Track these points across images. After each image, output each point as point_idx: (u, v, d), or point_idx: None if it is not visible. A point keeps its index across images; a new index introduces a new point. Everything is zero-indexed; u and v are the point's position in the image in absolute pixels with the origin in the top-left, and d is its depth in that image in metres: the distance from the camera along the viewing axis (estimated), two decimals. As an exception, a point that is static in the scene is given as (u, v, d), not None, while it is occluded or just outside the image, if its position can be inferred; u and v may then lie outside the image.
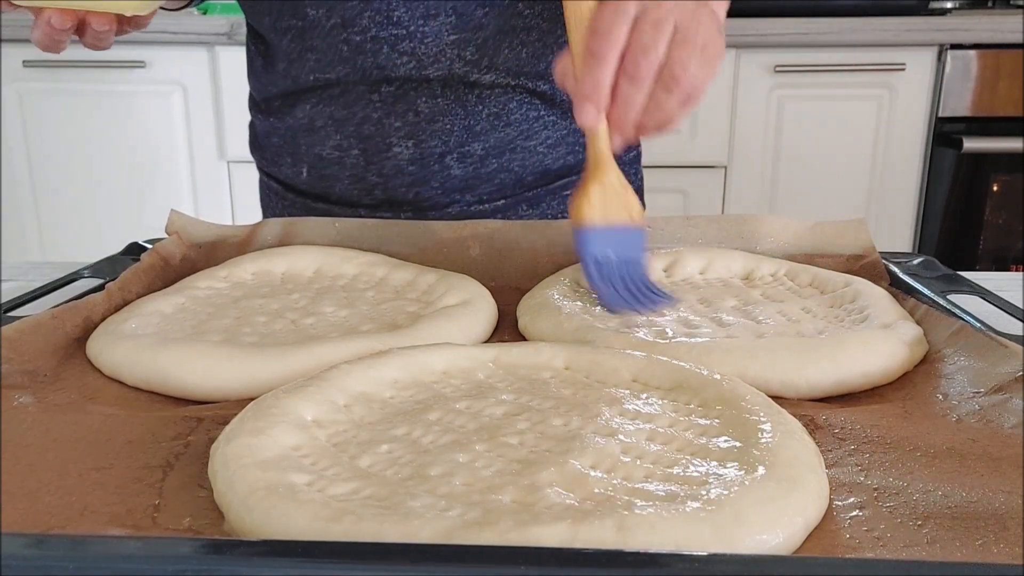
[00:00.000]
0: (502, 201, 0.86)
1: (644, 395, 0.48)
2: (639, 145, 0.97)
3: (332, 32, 0.79)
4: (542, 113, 0.85)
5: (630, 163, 0.94)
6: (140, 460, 0.43)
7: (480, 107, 0.82)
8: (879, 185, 2.11)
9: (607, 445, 0.42)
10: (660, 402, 0.47)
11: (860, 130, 2.07)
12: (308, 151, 0.86)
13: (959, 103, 2.02)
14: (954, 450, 0.43)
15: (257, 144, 0.94)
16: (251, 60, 0.91)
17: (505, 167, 0.85)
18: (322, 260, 0.73)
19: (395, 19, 0.78)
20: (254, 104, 0.92)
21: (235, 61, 2.03)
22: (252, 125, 0.94)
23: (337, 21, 0.79)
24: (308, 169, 0.87)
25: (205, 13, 2.10)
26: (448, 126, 0.82)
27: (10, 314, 0.59)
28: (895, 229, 2.13)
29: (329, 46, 0.80)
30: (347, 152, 0.84)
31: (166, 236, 0.76)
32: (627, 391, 0.49)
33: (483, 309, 0.63)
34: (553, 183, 0.88)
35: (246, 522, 0.37)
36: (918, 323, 0.59)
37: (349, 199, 0.86)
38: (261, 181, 0.96)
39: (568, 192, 0.88)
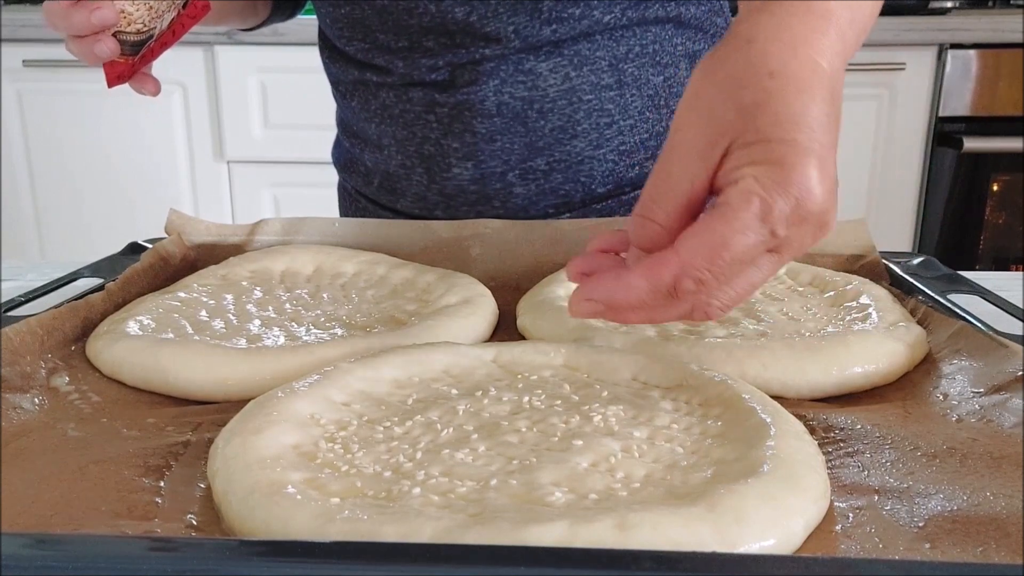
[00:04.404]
0: (567, 215, 0.82)
1: (644, 394, 0.48)
2: None
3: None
4: (616, 119, 0.80)
5: None
6: (140, 459, 0.43)
7: (542, 122, 0.79)
8: (879, 185, 2.10)
9: (607, 444, 0.42)
10: (660, 401, 0.47)
11: (860, 130, 2.07)
12: (376, 167, 0.86)
13: (959, 103, 2.02)
14: (955, 450, 0.43)
15: (336, 146, 0.94)
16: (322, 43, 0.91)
17: (572, 179, 0.81)
18: (322, 259, 0.73)
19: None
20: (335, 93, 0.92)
21: (234, 61, 2.03)
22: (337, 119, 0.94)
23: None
24: (379, 182, 0.87)
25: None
26: (508, 145, 0.79)
27: (10, 314, 0.59)
28: (895, 229, 2.13)
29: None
30: (412, 170, 0.83)
31: (166, 236, 0.76)
32: (627, 390, 0.49)
33: (483, 308, 0.63)
34: (628, 194, 0.83)
35: (246, 522, 0.37)
36: (918, 323, 0.59)
37: (413, 215, 0.86)
38: (339, 183, 0.96)
39: None
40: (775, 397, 0.48)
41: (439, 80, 0.79)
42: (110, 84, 0.70)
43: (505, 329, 0.64)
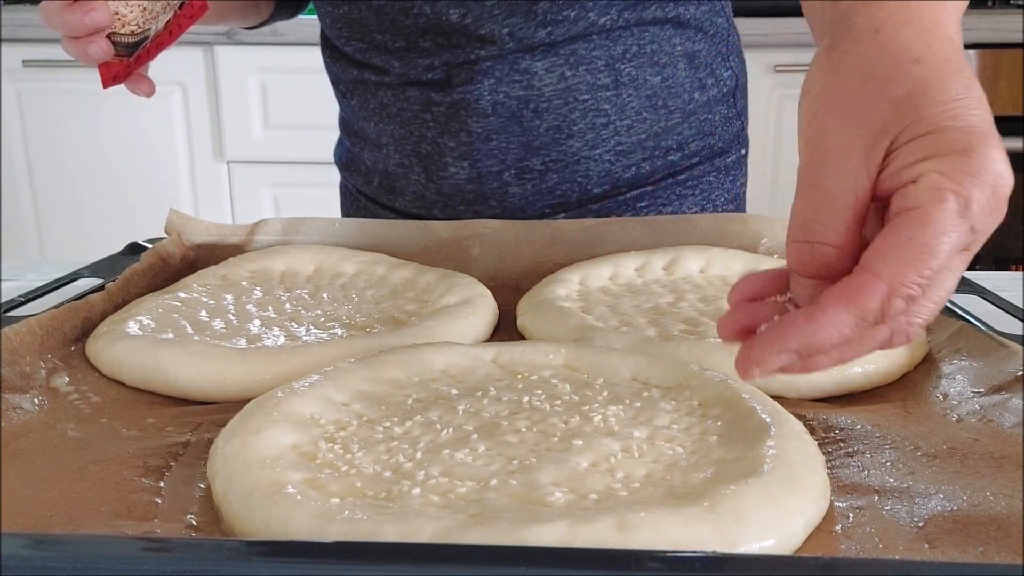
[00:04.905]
0: (563, 215, 0.82)
1: (644, 394, 0.48)
2: (743, 149, 0.91)
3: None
4: (613, 119, 0.80)
5: (734, 165, 0.89)
6: (140, 460, 0.43)
7: (537, 122, 0.79)
8: (879, 185, 2.10)
9: (607, 444, 0.42)
10: (660, 401, 0.47)
11: (860, 130, 2.07)
12: (376, 166, 0.87)
13: (959, 103, 2.02)
14: (955, 450, 0.43)
15: (338, 146, 0.95)
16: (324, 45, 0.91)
17: (568, 179, 0.81)
18: (322, 259, 0.73)
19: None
20: (337, 94, 0.92)
21: (234, 61, 2.03)
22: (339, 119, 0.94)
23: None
24: (378, 181, 0.87)
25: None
26: (504, 145, 0.79)
27: (10, 314, 0.59)
28: (895, 229, 2.13)
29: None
30: (410, 169, 0.84)
31: (166, 236, 0.76)
32: (627, 390, 0.49)
33: (483, 308, 0.63)
34: (624, 194, 0.83)
35: (246, 521, 0.37)
36: (918, 323, 0.59)
37: (412, 214, 0.86)
38: (340, 182, 0.96)
39: (642, 204, 0.83)
40: (775, 397, 0.48)
41: (435, 80, 0.79)
42: (105, 85, 0.70)
43: (505, 329, 0.64)
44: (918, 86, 0.37)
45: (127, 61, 0.69)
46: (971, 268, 0.41)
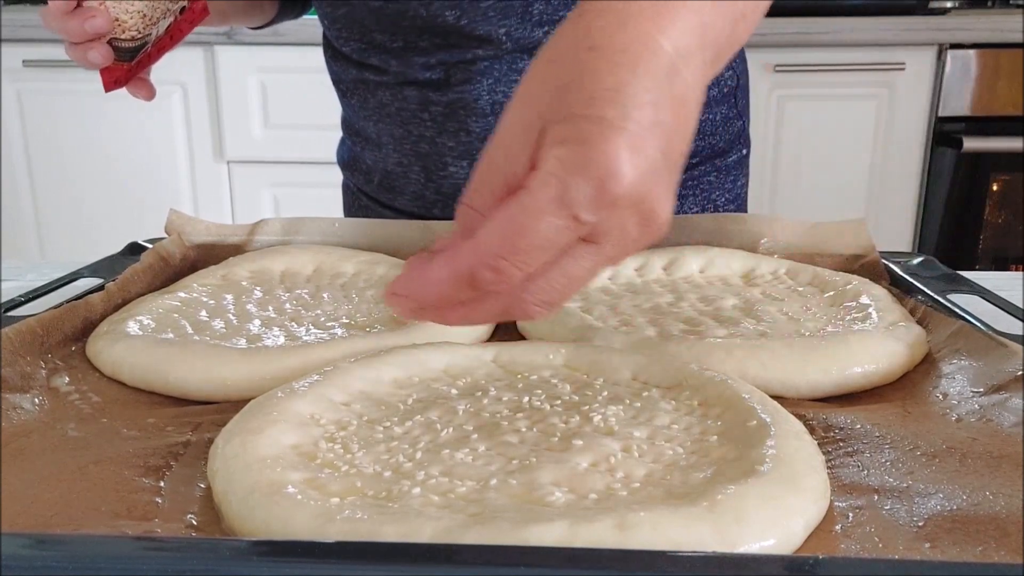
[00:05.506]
0: None
1: (644, 394, 0.48)
2: (744, 149, 0.91)
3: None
4: None
5: (735, 165, 0.89)
6: (140, 460, 0.43)
7: None
8: (879, 185, 2.10)
9: (607, 444, 0.42)
10: (660, 401, 0.47)
11: (860, 130, 2.07)
12: (376, 165, 0.87)
13: (959, 103, 2.02)
14: (954, 450, 0.43)
15: (340, 145, 0.95)
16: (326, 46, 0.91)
17: None
18: (322, 259, 0.73)
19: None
20: (339, 93, 0.92)
21: (234, 61, 2.03)
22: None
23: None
24: (379, 180, 0.87)
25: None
26: None
27: (10, 314, 0.59)
28: (895, 229, 2.13)
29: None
30: (409, 168, 0.84)
31: (166, 236, 0.76)
32: (627, 390, 0.49)
33: (483, 309, 0.63)
34: None
35: (246, 521, 0.37)
36: (918, 323, 0.59)
37: (411, 213, 0.86)
38: (343, 182, 0.96)
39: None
40: (775, 397, 0.48)
41: (433, 79, 0.79)
42: (107, 89, 0.70)
43: (505, 329, 0.64)
44: (577, 74, 0.37)
45: (128, 66, 0.70)
46: (971, 268, 0.42)
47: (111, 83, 0.70)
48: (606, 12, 0.38)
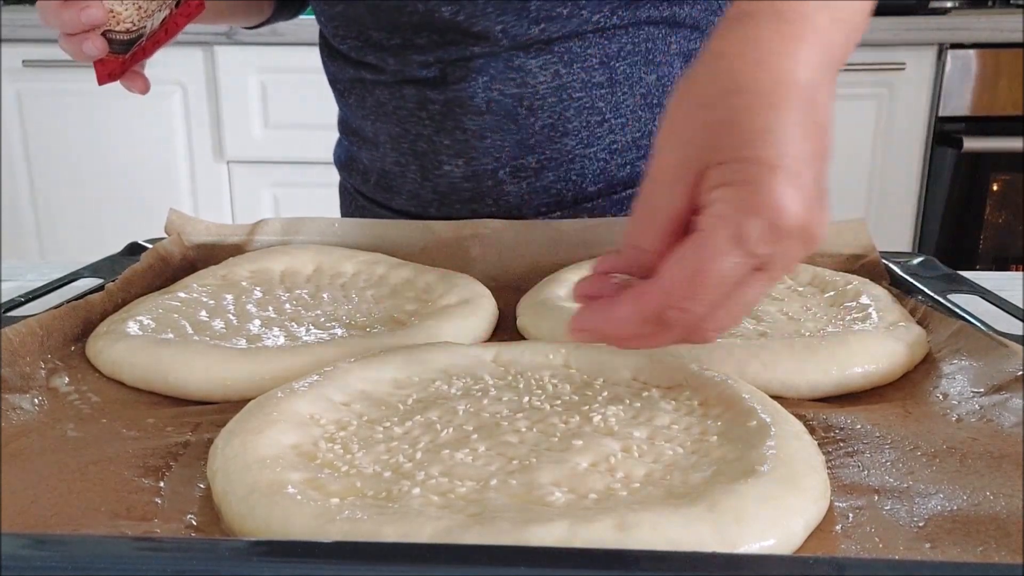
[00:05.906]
0: (558, 214, 0.82)
1: (644, 394, 0.48)
2: None
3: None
4: (607, 117, 0.79)
5: None
6: (140, 460, 0.43)
7: (532, 119, 0.78)
8: (879, 185, 2.10)
9: (607, 444, 0.42)
10: (660, 401, 0.47)
11: (860, 130, 2.07)
12: (373, 164, 0.87)
13: (959, 103, 2.02)
14: (955, 450, 0.43)
15: (337, 146, 0.95)
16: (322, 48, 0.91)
17: (563, 177, 0.80)
18: (321, 259, 0.73)
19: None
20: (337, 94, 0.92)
21: (234, 61, 2.03)
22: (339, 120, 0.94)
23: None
24: (375, 180, 0.87)
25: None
26: (499, 142, 0.79)
27: (10, 314, 0.59)
28: (895, 229, 2.13)
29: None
30: (406, 167, 0.84)
31: (166, 236, 0.76)
32: (627, 390, 0.49)
33: (483, 308, 0.63)
34: (619, 193, 0.82)
35: (246, 521, 0.37)
36: (918, 323, 0.59)
37: (408, 213, 0.86)
38: (340, 182, 0.96)
39: None
40: (775, 397, 0.48)
41: (430, 77, 0.79)
42: (100, 81, 0.70)
43: (505, 329, 0.64)
44: (729, 116, 0.40)
45: (122, 58, 0.70)
46: (971, 268, 0.42)
47: (105, 76, 0.70)
48: (742, 54, 0.41)
